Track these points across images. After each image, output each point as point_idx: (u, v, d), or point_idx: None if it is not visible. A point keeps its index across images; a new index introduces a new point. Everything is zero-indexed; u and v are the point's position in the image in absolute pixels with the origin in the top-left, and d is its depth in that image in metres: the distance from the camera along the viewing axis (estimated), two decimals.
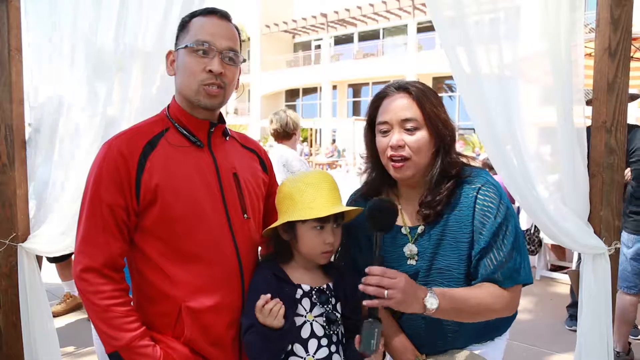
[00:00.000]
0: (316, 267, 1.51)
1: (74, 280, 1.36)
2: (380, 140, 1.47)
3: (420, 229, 1.49)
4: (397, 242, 1.51)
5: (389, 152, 1.43)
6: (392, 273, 1.26)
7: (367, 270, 1.27)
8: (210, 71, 1.37)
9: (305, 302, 1.43)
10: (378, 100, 1.50)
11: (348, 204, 1.66)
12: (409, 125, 1.42)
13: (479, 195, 1.43)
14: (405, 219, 1.53)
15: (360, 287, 1.25)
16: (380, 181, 1.56)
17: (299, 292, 1.44)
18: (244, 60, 1.49)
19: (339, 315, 1.47)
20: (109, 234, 1.34)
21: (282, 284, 1.43)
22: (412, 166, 1.43)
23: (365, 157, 1.62)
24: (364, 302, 1.26)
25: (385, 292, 1.23)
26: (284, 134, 3.69)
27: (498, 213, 1.41)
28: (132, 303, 1.39)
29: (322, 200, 1.41)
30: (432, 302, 1.30)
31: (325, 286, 1.48)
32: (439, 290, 1.35)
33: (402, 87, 1.46)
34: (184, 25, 1.44)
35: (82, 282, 1.33)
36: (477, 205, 1.43)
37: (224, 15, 1.44)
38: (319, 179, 1.45)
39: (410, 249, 1.49)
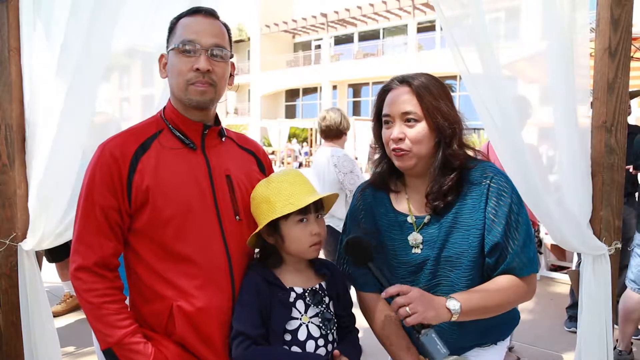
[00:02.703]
0: (307, 267, 1.51)
1: (70, 280, 1.39)
2: (384, 132, 1.51)
3: (426, 218, 1.50)
4: (403, 232, 1.52)
5: (391, 145, 1.48)
6: (404, 289, 1.33)
7: (384, 294, 1.35)
8: (197, 69, 1.38)
9: (300, 305, 1.43)
10: (383, 94, 1.54)
11: (354, 198, 1.67)
12: (408, 118, 1.45)
13: (492, 184, 1.45)
14: (412, 208, 1.54)
15: (394, 310, 1.34)
16: (388, 171, 1.59)
17: (292, 295, 1.43)
18: (232, 56, 1.48)
19: (333, 314, 1.48)
20: (102, 234, 1.37)
21: (274, 288, 1.42)
22: (413, 157, 1.46)
23: (373, 148, 1.65)
24: (404, 323, 1.32)
25: (407, 308, 1.30)
26: (336, 132, 3.56)
27: (512, 201, 1.44)
28: (126, 301, 1.41)
29: (300, 193, 1.42)
30: (454, 304, 1.35)
31: (317, 286, 1.48)
32: (458, 294, 1.39)
33: (405, 81, 1.50)
34: (172, 27, 1.46)
35: (77, 280, 1.36)
36: (490, 193, 1.45)
37: (209, 13, 1.45)
38: (291, 176, 1.47)
39: (414, 237, 1.50)
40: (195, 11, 1.44)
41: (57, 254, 3.93)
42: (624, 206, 1.87)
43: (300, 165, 24.34)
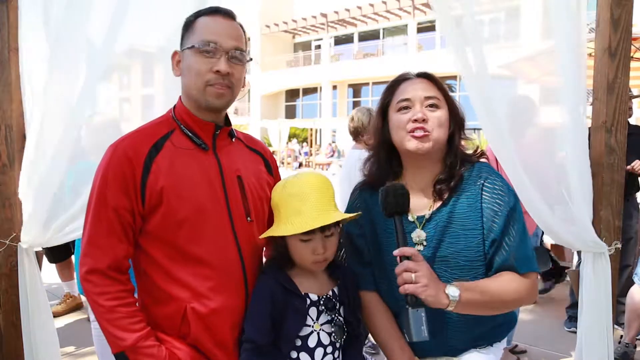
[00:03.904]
0: (321, 271, 1.49)
1: (80, 282, 1.37)
2: (399, 117, 1.50)
3: (427, 215, 1.50)
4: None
5: (411, 126, 1.46)
6: (419, 257, 1.30)
7: (397, 252, 1.31)
8: (217, 72, 1.37)
9: (312, 312, 1.42)
10: (396, 84, 1.55)
11: (351, 197, 1.66)
12: (431, 102, 1.47)
13: (486, 184, 1.46)
14: (412, 207, 1.53)
15: (396, 272, 1.30)
16: (385, 169, 1.58)
17: (307, 301, 1.42)
18: (251, 59, 1.49)
19: (343, 322, 1.46)
20: (114, 236, 1.35)
21: (290, 294, 1.40)
22: (432, 140, 1.46)
23: (370, 145, 1.64)
24: (400, 289, 1.27)
25: (413, 275, 1.26)
26: (365, 134, 3.47)
27: (509, 200, 1.45)
28: (137, 304, 1.40)
29: (306, 213, 1.36)
30: (453, 291, 1.32)
31: (331, 293, 1.47)
32: (458, 282, 1.37)
33: (422, 74, 1.54)
34: (188, 25, 1.44)
35: (88, 283, 1.34)
36: (485, 193, 1.45)
37: (228, 14, 1.44)
38: (305, 187, 1.39)
39: (418, 234, 1.50)
40: (214, 11, 1.43)
41: (58, 254, 3.93)
42: (624, 205, 1.87)
43: (300, 165, 24.33)
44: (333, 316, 1.43)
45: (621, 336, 3.32)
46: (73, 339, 3.55)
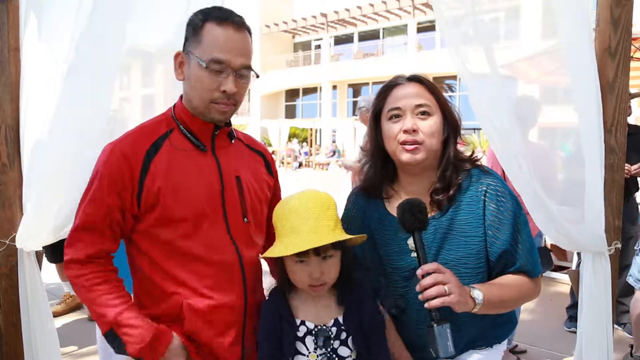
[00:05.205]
0: (327, 295, 1.40)
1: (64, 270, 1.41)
2: (391, 127, 1.46)
3: None
4: (398, 236, 1.49)
5: (402, 137, 1.43)
6: (442, 268, 1.25)
7: (420, 271, 1.24)
8: (224, 91, 1.35)
9: (309, 341, 1.35)
10: (387, 90, 1.51)
11: (348, 202, 1.64)
12: (422, 110, 1.44)
13: (489, 190, 1.44)
14: None
15: (417, 289, 1.23)
16: (380, 175, 1.55)
17: (303, 330, 1.36)
18: (257, 76, 1.45)
19: (343, 355, 1.36)
20: (99, 233, 1.37)
21: (285, 321, 1.36)
22: (424, 150, 1.42)
23: (366, 151, 1.61)
24: (426, 305, 1.22)
25: (445, 287, 1.22)
26: None
27: (512, 205, 1.43)
28: (121, 286, 1.40)
29: (302, 232, 1.28)
30: (477, 294, 1.31)
31: (332, 322, 1.37)
32: (477, 284, 1.36)
33: (413, 78, 1.49)
34: (195, 28, 1.36)
35: (69, 270, 1.38)
36: (487, 199, 1.43)
37: (239, 25, 1.36)
38: (305, 204, 1.31)
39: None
40: (225, 19, 1.34)
41: (58, 254, 3.92)
42: (624, 205, 1.87)
43: (300, 165, 24.33)
44: (326, 350, 1.34)
45: (631, 345, 3.24)
46: (73, 339, 3.55)
